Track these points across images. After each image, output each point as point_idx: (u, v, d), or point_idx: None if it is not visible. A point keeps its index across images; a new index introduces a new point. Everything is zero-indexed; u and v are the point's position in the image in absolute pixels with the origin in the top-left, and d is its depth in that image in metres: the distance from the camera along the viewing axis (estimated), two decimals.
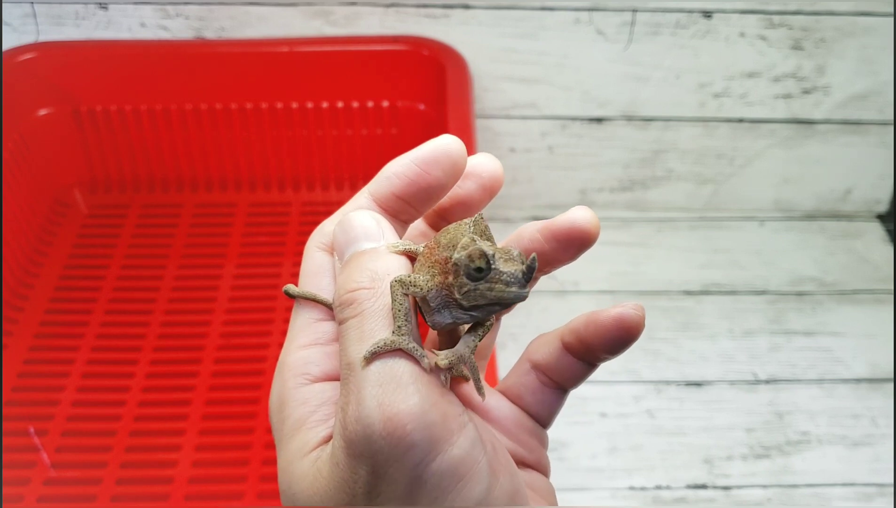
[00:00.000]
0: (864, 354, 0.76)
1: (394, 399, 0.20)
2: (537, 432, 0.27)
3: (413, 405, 0.20)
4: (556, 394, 0.26)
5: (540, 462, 0.27)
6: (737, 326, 0.79)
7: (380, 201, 0.25)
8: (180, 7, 0.75)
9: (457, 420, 0.21)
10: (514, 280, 0.21)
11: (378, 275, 0.23)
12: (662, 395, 0.73)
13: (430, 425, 0.20)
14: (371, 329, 0.22)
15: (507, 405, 0.26)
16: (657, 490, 0.66)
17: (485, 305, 0.22)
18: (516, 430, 0.26)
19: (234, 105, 0.79)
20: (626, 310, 0.24)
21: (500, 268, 0.21)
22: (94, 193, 0.82)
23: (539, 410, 0.27)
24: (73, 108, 0.78)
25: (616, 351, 0.25)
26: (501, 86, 0.80)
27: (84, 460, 0.61)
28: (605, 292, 0.81)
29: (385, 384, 0.21)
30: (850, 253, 0.87)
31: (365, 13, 0.76)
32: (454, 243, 0.22)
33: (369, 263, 0.23)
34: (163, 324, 0.70)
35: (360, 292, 0.23)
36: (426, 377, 0.21)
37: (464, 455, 0.20)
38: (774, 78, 0.81)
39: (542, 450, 0.27)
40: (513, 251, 0.22)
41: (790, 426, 0.71)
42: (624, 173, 0.87)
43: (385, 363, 0.21)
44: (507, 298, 0.21)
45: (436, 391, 0.21)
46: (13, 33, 0.76)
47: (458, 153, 0.24)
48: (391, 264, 0.23)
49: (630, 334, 0.24)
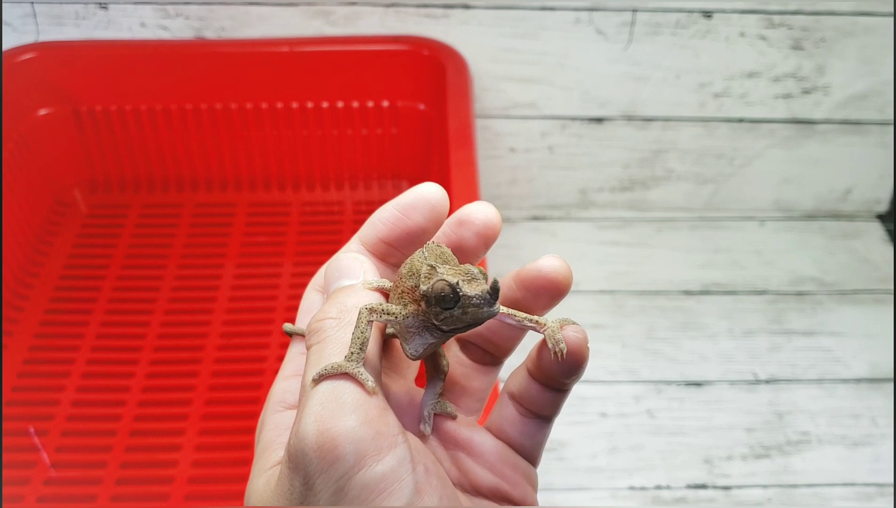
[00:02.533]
0: (864, 354, 0.76)
1: (330, 417, 0.22)
2: (522, 467, 0.27)
3: (346, 423, 0.21)
4: (536, 424, 0.27)
5: (525, 498, 0.27)
6: (737, 326, 0.79)
7: (367, 246, 0.27)
8: (180, 7, 0.75)
9: (388, 440, 0.22)
10: (483, 301, 0.23)
11: (346, 308, 0.24)
12: (662, 395, 0.73)
13: (358, 441, 0.21)
14: (329, 355, 0.23)
15: (490, 439, 0.27)
16: (657, 490, 0.66)
17: (462, 325, 0.23)
18: (499, 464, 0.27)
19: (234, 105, 0.79)
20: (567, 335, 0.25)
21: (467, 293, 0.22)
22: (94, 192, 0.82)
23: (522, 441, 0.27)
24: (73, 108, 0.78)
25: (570, 376, 0.25)
26: (501, 86, 0.80)
27: (84, 460, 0.61)
28: (604, 292, 0.81)
29: (326, 404, 0.22)
30: (851, 253, 0.87)
31: (365, 13, 0.76)
32: (415, 271, 0.24)
33: (342, 297, 0.25)
34: (163, 324, 0.70)
35: (326, 322, 0.24)
36: (367, 399, 0.22)
37: (387, 472, 0.21)
38: (774, 78, 0.81)
39: (526, 486, 0.27)
40: (472, 270, 0.23)
41: (790, 426, 0.71)
42: (624, 173, 0.87)
43: (331, 384, 0.23)
44: (481, 318, 0.23)
45: (374, 412, 0.22)
46: (13, 33, 0.76)
47: (437, 198, 0.26)
48: (362, 298, 0.25)
49: (576, 359, 0.25)
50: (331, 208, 0.81)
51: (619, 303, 0.80)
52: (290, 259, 0.76)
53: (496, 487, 0.26)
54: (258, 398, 0.65)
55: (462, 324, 0.23)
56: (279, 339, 0.69)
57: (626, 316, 0.79)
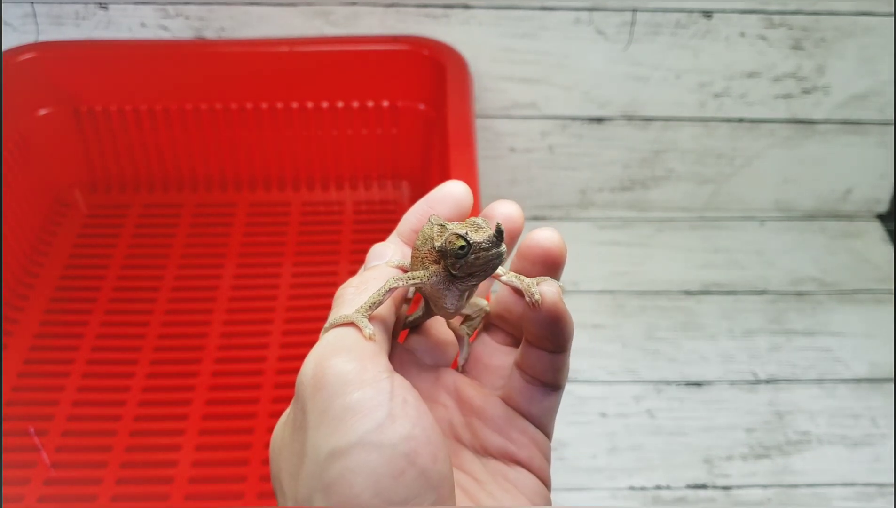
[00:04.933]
0: (864, 354, 0.76)
1: (327, 355, 0.25)
2: (530, 432, 0.29)
3: (338, 359, 0.25)
4: (540, 391, 0.29)
5: (531, 461, 0.29)
6: (737, 326, 0.79)
7: (402, 237, 0.30)
8: (180, 7, 0.75)
9: (371, 375, 0.25)
10: (491, 244, 0.26)
11: (366, 279, 0.28)
12: (662, 395, 0.73)
13: (345, 373, 0.24)
14: (339, 312, 0.27)
15: (500, 406, 0.29)
16: (657, 490, 0.66)
17: (478, 271, 0.26)
18: (507, 427, 0.29)
19: (234, 105, 0.79)
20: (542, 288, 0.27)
21: (476, 239, 0.26)
22: (95, 192, 0.82)
23: (529, 408, 0.29)
24: (73, 107, 0.78)
25: (552, 331, 0.27)
26: (501, 86, 0.80)
27: (84, 460, 0.61)
28: (604, 291, 0.81)
29: (327, 345, 0.26)
30: (851, 253, 0.87)
31: (365, 13, 0.76)
32: (427, 237, 0.27)
33: (368, 272, 0.29)
34: (163, 324, 0.70)
35: (348, 289, 0.28)
36: (363, 344, 0.26)
37: (364, 399, 0.24)
38: (774, 78, 0.81)
39: (533, 449, 0.29)
40: (478, 221, 0.27)
41: (790, 426, 0.71)
42: (624, 173, 0.87)
43: (337, 331, 0.26)
44: (492, 260, 0.26)
45: (366, 354, 0.25)
46: (13, 33, 0.76)
47: (462, 194, 0.30)
48: (383, 273, 0.28)
49: (552, 311, 0.26)
50: (331, 208, 0.81)
51: (619, 303, 0.80)
52: (290, 259, 0.76)
53: (503, 448, 0.29)
54: (258, 398, 0.65)
55: (477, 268, 0.26)
56: (279, 339, 0.69)
57: (626, 316, 0.79)
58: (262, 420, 0.63)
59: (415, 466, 0.23)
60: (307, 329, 0.69)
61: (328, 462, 0.23)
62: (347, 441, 0.23)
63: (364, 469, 0.23)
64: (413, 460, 0.23)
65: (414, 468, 0.23)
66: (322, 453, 0.24)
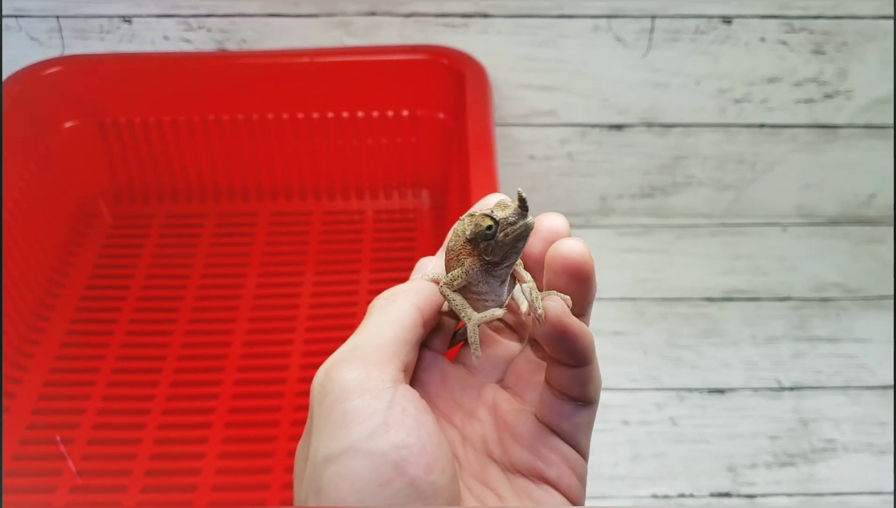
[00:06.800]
0: (889, 360, 0.75)
1: (338, 364, 0.26)
2: (561, 450, 0.29)
3: (344, 368, 0.25)
4: (570, 406, 0.29)
5: (560, 479, 0.28)
6: (760, 332, 0.78)
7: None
8: (203, 20, 0.76)
9: (374, 384, 0.25)
10: (517, 216, 0.26)
11: (396, 293, 0.28)
12: (685, 402, 0.72)
13: (347, 381, 0.25)
14: (370, 323, 0.27)
15: (532, 422, 0.29)
16: (680, 499, 0.66)
17: (509, 249, 0.27)
18: (536, 444, 0.28)
19: (255, 116, 0.80)
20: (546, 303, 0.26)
21: (500, 216, 0.26)
22: (119, 203, 0.83)
23: (560, 423, 0.29)
24: (97, 120, 0.79)
25: (560, 346, 0.26)
26: (520, 94, 0.81)
27: (109, 468, 0.61)
28: (626, 299, 0.81)
29: (340, 353, 0.26)
30: (875, 258, 0.86)
31: (384, 23, 0.77)
32: (459, 234, 0.28)
33: (402, 286, 0.29)
34: (186, 333, 0.71)
35: (378, 301, 0.28)
36: (374, 353, 0.26)
37: (362, 406, 0.24)
38: (796, 83, 0.80)
39: (563, 467, 0.28)
40: (504, 201, 0.27)
41: (815, 434, 0.70)
42: (644, 180, 0.87)
43: (354, 340, 0.27)
44: (520, 231, 0.26)
45: (373, 364, 0.26)
46: (39, 48, 0.78)
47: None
48: (413, 286, 0.29)
49: (555, 326, 0.26)
50: (351, 217, 0.82)
51: (640, 310, 0.80)
52: (312, 267, 0.76)
53: (532, 465, 0.28)
54: (281, 406, 0.65)
55: (509, 247, 0.26)
56: (302, 347, 0.70)
57: (647, 323, 0.79)
58: (284, 428, 0.63)
59: (404, 476, 0.23)
60: (329, 338, 0.70)
61: (323, 466, 0.24)
62: (340, 447, 0.24)
63: (351, 475, 0.23)
64: (403, 469, 0.23)
65: (403, 477, 0.23)
66: (319, 457, 0.24)
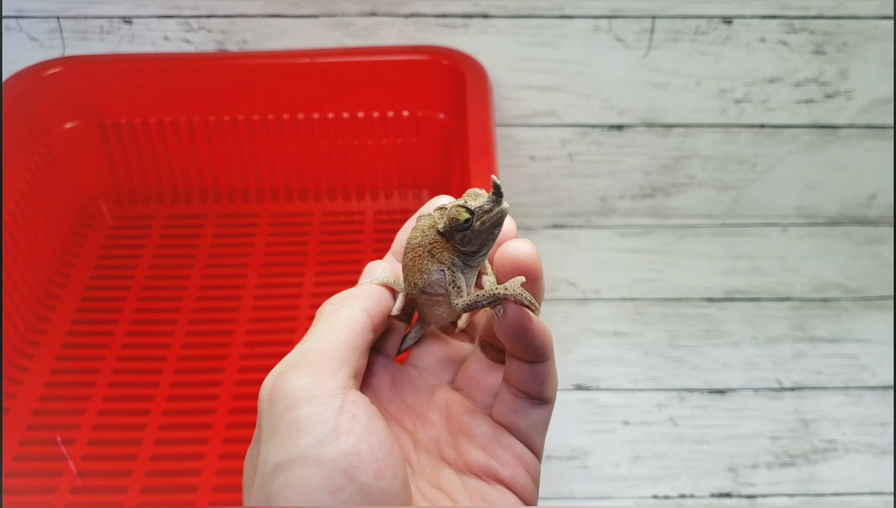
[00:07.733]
0: (890, 360, 0.75)
1: (286, 371, 0.26)
2: (516, 449, 0.29)
3: (292, 376, 0.25)
4: (527, 404, 0.28)
5: (515, 479, 0.28)
6: (760, 333, 0.78)
7: (396, 254, 0.31)
8: (203, 20, 0.76)
9: (324, 391, 0.25)
10: (492, 203, 0.26)
11: (344, 298, 0.28)
12: (685, 403, 0.72)
13: (296, 389, 0.25)
14: (317, 331, 0.27)
15: (487, 423, 0.29)
16: (681, 499, 0.66)
17: (487, 237, 0.26)
18: (491, 444, 0.29)
19: (256, 116, 0.80)
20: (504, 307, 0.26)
21: (476, 205, 0.26)
22: (120, 204, 0.83)
23: (516, 422, 0.29)
24: (98, 121, 0.79)
25: (516, 338, 0.26)
26: (521, 94, 0.81)
27: (110, 468, 0.61)
28: (626, 299, 0.81)
29: (289, 361, 0.26)
30: (875, 259, 0.86)
31: (384, 24, 0.77)
32: (425, 231, 0.28)
33: (351, 290, 0.29)
34: (187, 333, 0.71)
35: (326, 307, 0.28)
36: (322, 361, 0.26)
37: (311, 414, 0.24)
38: (796, 83, 0.80)
39: (517, 467, 0.28)
40: (474, 190, 0.27)
41: (816, 434, 0.70)
42: (644, 180, 0.87)
43: (301, 347, 0.27)
44: (497, 218, 0.26)
45: (322, 371, 0.25)
46: (40, 48, 0.78)
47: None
48: (363, 291, 0.28)
49: (512, 320, 0.26)
50: (352, 218, 0.82)
51: (640, 311, 0.80)
52: (312, 268, 0.76)
53: (486, 465, 0.28)
54: None
55: (485, 235, 0.26)
56: None
57: (648, 324, 0.79)
58: None
59: (355, 483, 0.23)
60: None
61: (272, 475, 0.24)
62: (289, 456, 0.24)
63: (301, 483, 0.23)
64: (353, 476, 0.23)
65: (354, 484, 0.23)
66: (269, 466, 0.24)
